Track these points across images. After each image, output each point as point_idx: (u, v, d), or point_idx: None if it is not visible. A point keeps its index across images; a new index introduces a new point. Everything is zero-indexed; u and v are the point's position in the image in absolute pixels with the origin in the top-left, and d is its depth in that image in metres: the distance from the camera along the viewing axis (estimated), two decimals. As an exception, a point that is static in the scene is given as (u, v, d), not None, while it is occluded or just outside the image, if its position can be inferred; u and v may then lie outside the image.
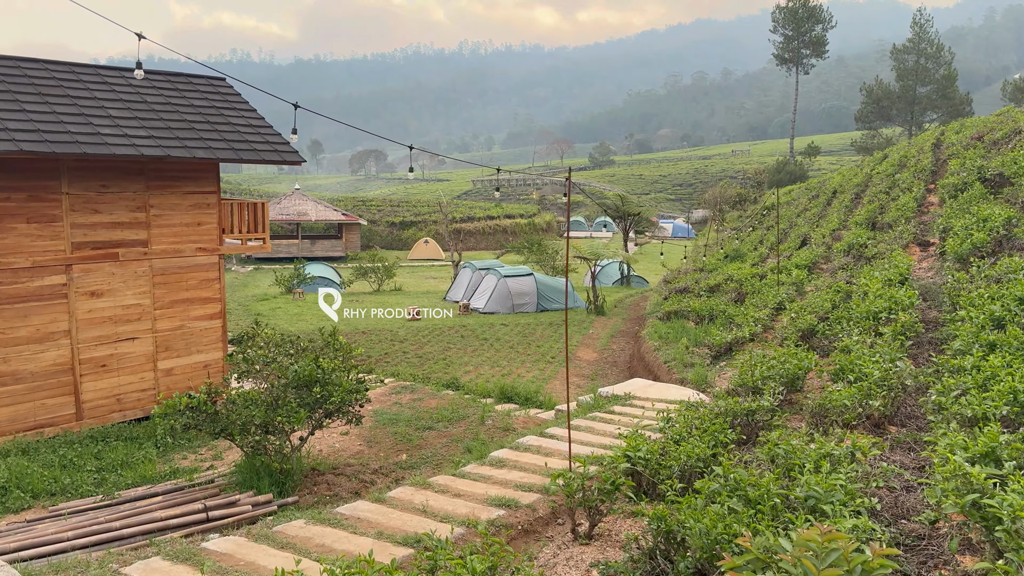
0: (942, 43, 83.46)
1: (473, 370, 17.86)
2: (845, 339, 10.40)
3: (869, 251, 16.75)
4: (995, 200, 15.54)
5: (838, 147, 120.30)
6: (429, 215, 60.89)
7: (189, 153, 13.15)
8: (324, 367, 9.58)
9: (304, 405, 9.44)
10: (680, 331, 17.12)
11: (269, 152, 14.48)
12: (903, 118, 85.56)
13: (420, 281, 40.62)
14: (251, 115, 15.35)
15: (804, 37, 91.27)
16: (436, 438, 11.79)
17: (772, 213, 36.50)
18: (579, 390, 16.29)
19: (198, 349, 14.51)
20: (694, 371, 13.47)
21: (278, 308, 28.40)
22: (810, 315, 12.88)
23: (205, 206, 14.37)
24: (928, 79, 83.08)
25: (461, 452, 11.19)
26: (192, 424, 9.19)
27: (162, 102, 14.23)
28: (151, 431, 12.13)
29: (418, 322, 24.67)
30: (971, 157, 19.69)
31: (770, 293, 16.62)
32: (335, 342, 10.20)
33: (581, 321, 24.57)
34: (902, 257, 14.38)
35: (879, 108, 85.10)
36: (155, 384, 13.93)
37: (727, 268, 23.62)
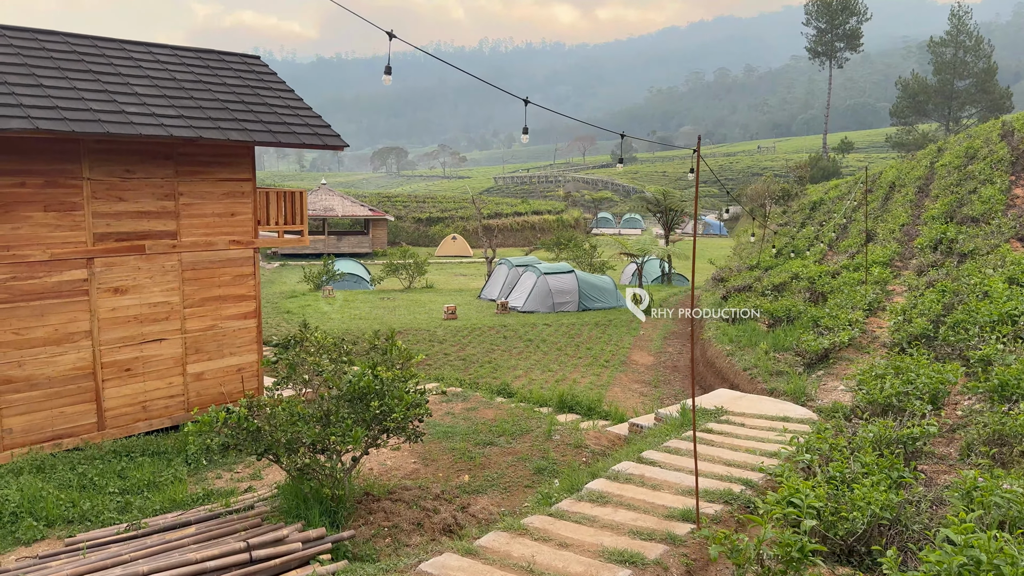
0: (981, 35, 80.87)
1: (523, 375, 16.47)
2: (985, 347, 8.90)
3: (963, 247, 15.16)
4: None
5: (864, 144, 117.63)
6: (456, 211, 59.59)
7: (223, 135, 11.85)
8: (383, 377, 8.22)
9: (360, 422, 8.08)
10: (752, 334, 15.62)
11: (310, 136, 13.15)
12: (940, 113, 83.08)
13: (450, 278, 39.32)
14: (289, 96, 14.04)
15: (838, 30, 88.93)
16: (499, 455, 10.40)
17: (821, 208, 34.81)
18: (644, 399, 14.87)
19: (231, 351, 13.22)
20: (786, 381, 11.98)
21: (308, 306, 27.17)
22: (920, 318, 11.36)
23: (239, 195, 13.07)
24: (967, 72, 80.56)
25: (531, 473, 9.83)
26: (231, 443, 7.86)
27: (192, 80, 12.94)
28: (180, 444, 10.84)
29: (455, 321, 23.33)
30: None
31: (854, 293, 15.09)
32: (393, 347, 8.83)
33: (628, 321, 23.11)
34: (1013, 254, 12.81)
35: (915, 103, 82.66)
36: (184, 390, 12.66)
37: (788, 266, 22.05)
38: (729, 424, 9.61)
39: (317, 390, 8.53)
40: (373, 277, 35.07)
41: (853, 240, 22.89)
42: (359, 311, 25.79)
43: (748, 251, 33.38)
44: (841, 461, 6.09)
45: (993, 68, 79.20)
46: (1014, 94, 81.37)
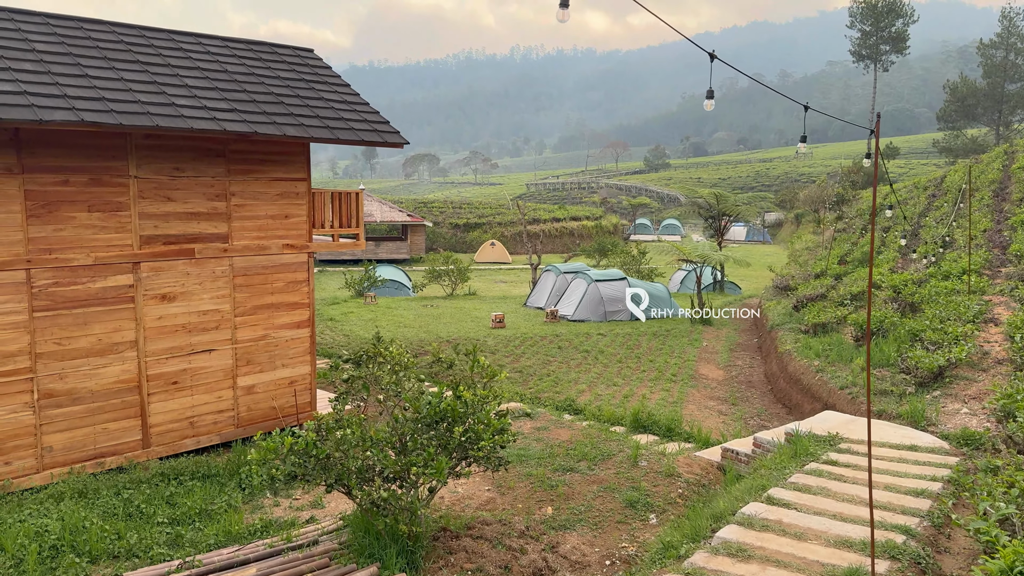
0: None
1: (587, 389, 15.39)
2: None
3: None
4: None
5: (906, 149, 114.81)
6: (493, 216, 58.68)
7: (279, 130, 10.98)
8: (467, 399, 7.21)
9: (442, 449, 7.09)
10: (839, 348, 14.40)
11: (368, 132, 12.24)
12: (989, 117, 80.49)
13: (490, 285, 38.38)
14: (345, 90, 13.16)
15: (883, 32, 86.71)
16: (582, 484, 9.34)
17: (881, 213, 33.28)
18: (724, 418, 13.71)
19: (283, 363, 12.32)
20: (895, 402, 10.77)
21: (350, 313, 26.36)
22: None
23: (294, 195, 12.19)
24: (1018, 75, 77.97)
25: (622, 506, 8.76)
26: (298, 474, 6.90)
27: (244, 72, 12.11)
28: (233, 466, 9.93)
29: (504, 330, 22.32)
30: None
31: (951, 303, 13.79)
32: (476, 364, 7.81)
33: (688, 332, 21.93)
34: None
35: (964, 106, 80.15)
36: (233, 404, 11.78)
37: (861, 273, 20.72)
38: (850, 454, 8.44)
39: (391, 410, 7.55)
40: (414, 283, 34.23)
41: (930, 247, 21.47)
42: (403, 319, 24.91)
43: (805, 258, 31.98)
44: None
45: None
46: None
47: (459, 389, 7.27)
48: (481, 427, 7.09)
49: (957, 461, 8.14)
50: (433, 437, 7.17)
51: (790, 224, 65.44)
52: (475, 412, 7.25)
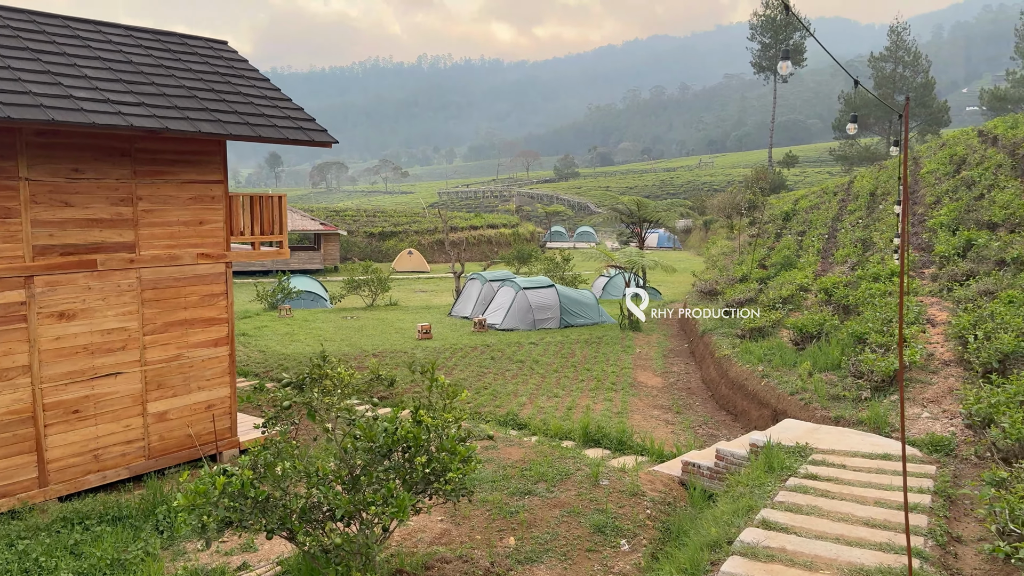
0: (919, 51, 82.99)
1: (528, 402, 14.71)
2: None
3: (1006, 254, 14.08)
4: None
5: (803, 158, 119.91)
6: (409, 225, 57.52)
7: (192, 127, 9.86)
8: (428, 424, 6.40)
9: (403, 483, 6.25)
10: (781, 352, 14.23)
11: (293, 129, 11.23)
12: (881, 126, 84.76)
13: (411, 295, 37.31)
14: (265, 85, 12.10)
15: (782, 45, 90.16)
16: (544, 509, 8.63)
17: (795, 218, 34.10)
18: (672, 428, 13.28)
19: (199, 385, 11.13)
20: (852, 407, 10.54)
21: (264, 327, 24.89)
22: (1005, 333, 10.07)
23: (209, 199, 11.05)
24: (906, 87, 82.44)
25: (590, 532, 8.10)
26: (234, 519, 5.92)
27: (152, 64, 10.91)
28: (148, 505, 8.75)
29: (431, 341, 21.45)
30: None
31: (886, 305, 13.82)
32: (433, 383, 6.99)
33: (619, 338, 21.60)
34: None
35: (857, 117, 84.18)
36: (144, 433, 10.53)
37: (788, 277, 20.88)
38: (826, 466, 8.05)
39: (338, 439, 6.63)
40: (332, 294, 32.83)
41: (850, 250, 21.88)
42: (323, 332, 23.66)
43: (724, 263, 32.38)
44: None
45: (931, 82, 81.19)
46: (951, 107, 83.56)
47: (419, 413, 6.44)
48: (446, 456, 6.29)
49: (935, 470, 7.86)
50: (391, 469, 6.32)
51: (699, 230, 66.86)
52: (438, 438, 6.44)
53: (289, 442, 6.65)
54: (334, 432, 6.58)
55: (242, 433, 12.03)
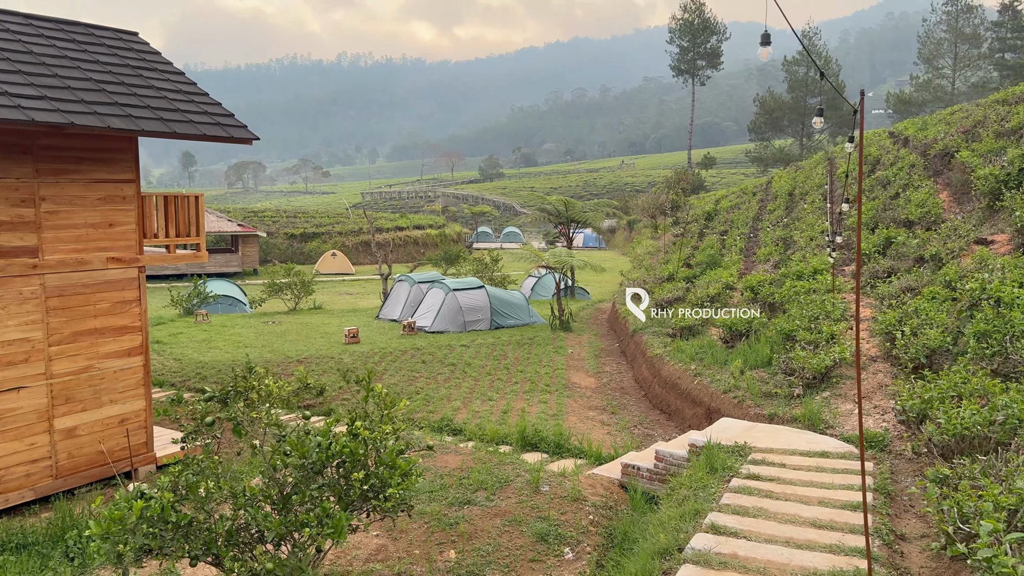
0: (830, 55, 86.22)
1: (462, 406, 14.40)
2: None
3: (923, 251, 14.54)
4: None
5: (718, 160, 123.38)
6: (332, 226, 56.29)
7: (101, 122, 9.18)
8: (365, 438, 6.03)
9: (340, 501, 5.87)
10: (712, 350, 14.33)
11: (210, 125, 10.62)
12: (794, 129, 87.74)
13: (336, 298, 36.43)
14: (179, 79, 11.43)
15: (699, 49, 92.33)
16: (484, 518, 8.35)
17: (717, 218, 34.78)
18: (609, 429, 13.19)
19: (112, 398, 10.41)
20: (785, 404, 10.63)
21: (179, 334, 23.83)
22: (932, 329, 10.33)
23: (120, 200, 10.35)
24: (817, 90, 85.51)
25: (533, 542, 7.87)
26: (154, 547, 5.43)
27: (56, 55, 10.14)
28: (56, 530, 8.07)
29: (359, 346, 20.89)
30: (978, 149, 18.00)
31: (811, 302, 14.08)
32: (370, 392, 6.62)
33: (551, 339, 21.51)
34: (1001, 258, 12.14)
35: (771, 119, 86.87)
36: (51, 451, 9.77)
37: (714, 275, 21.17)
38: (766, 465, 8.03)
39: (266, 455, 6.20)
40: (251, 298, 31.72)
41: (772, 249, 22.37)
42: (243, 338, 22.80)
43: (649, 262, 32.74)
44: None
45: (841, 86, 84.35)
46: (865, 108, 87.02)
47: (355, 425, 6.07)
48: (385, 471, 5.94)
49: (873, 467, 7.93)
50: (325, 486, 5.93)
51: (623, 230, 67.74)
52: (376, 452, 6.09)
53: (212, 459, 6.19)
54: (262, 448, 6.14)
55: (159, 448, 11.34)
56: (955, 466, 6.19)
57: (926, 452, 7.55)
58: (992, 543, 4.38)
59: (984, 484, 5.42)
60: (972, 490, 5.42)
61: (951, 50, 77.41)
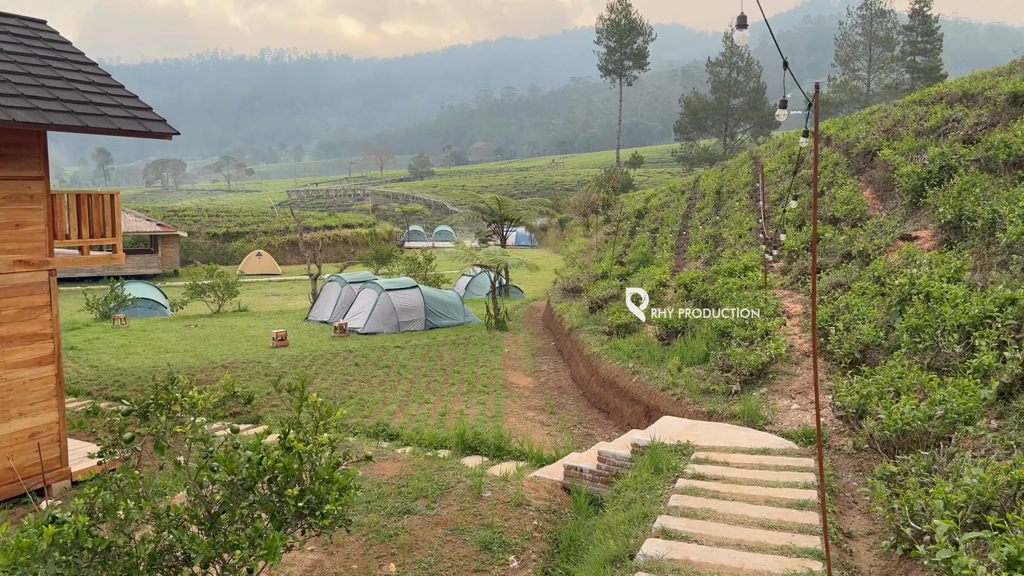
0: (752, 57, 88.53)
1: (399, 410, 14.03)
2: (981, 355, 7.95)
3: (851, 247, 14.87)
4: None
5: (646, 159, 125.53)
6: (257, 225, 54.73)
7: (6, 115, 8.50)
8: (300, 451, 5.67)
9: (273, 519, 5.50)
10: (648, 347, 14.34)
11: (126, 119, 9.98)
12: (718, 129, 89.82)
13: (262, 299, 35.38)
14: (92, 71, 10.73)
15: (626, 49, 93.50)
16: (425, 528, 8.05)
17: (648, 216, 35.16)
18: (549, 430, 13.04)
19: (21, 411, 9.69)
20: (724, 401, 10.65)
21: (96, 339, 22.69)
22: (865, 324, 10.50)
23: (27, 198, 9.63)
24: (740, 91, 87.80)
25: (476, 551, 7.63)
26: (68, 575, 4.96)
27: (-50, 40, 9.36)
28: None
29: (288, 349, 20.25)
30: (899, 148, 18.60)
31: (751, 299, 14.24)
32: (304, 401, 6.24)
33: (487, 339, 21.28)
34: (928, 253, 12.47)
35: (696, 119, 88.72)
36: (-50, 472, 9.01)
37: (647, 272, 21.31)
38: (710, 464, 7.98)
39: (191, 472, 5.77)
40: (172, 301, 30.48)
41: (703, 246, 22.65)
42: (164, 343, 21.84)
43: (582, 260, 32.87)
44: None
45: (762, 87, 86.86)
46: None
47: (289, 438, 5.70)
48: (322, 486, 5.60)
49: (814, 463, 7.96)
50: (257, 504, 5.55)
51: (555, 229, 68.06)
52: (312, 465, 5.73)
53: (132, 476, 5.73)
54: (187, 464, 5.71)
55: (74, 462, 10.64)
56: (900, 463, 6.21)
57: (867, 448, 7.60)
58: (947, 543, 4.34)
59: (934, 481, 5.44)
60: (921, 488, 5.43)
61: (866, 52, 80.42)
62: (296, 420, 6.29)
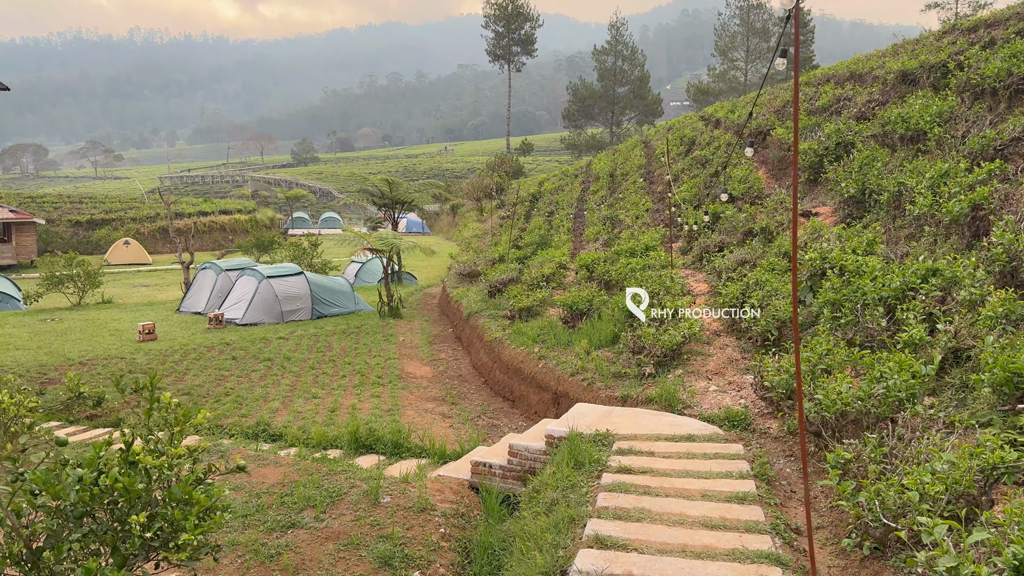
0: (636, 46, 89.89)
1: (282, 407, 12.69)
2: (910, 328, 7.55)
3: (751, 225, 14.60)
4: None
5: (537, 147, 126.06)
6: (124, 212, 50.82)
7: None
8: (148, 467, 4.47)
9: (116, 555, 4.29)
10: (554, 331, 13.58)
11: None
12: (604, 117, 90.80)
13: (130, 290, 32.57)
14: None
15: (514, 35, 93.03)
16: (313, 544, 6.92)
17: (542, 199, 34.63)
18: (450, 422, 12.08)
19: None
20: (637, 385, 9.98)
21: (-72, 338, 19.98)
22: (779, 301, 10.06)
23: None
24: (625, 80, 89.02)
25: (374, 569, 6.57)
26: None
27: None
28: None
29: (156, 343, 18.37)
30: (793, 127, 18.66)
31: (656, 279, 13.71)
32: (155, 404, 5.00)
33: (379, 327, 20.05)
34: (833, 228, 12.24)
35: (584, 107, 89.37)
36: None
37: (546, 255, 20.63)
38: (636, 455, 7.23)
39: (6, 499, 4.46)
40: (26, 294, 27.51)
41: (600, 228, 22.20)
42: (14, 339, 19.45)
43: (477, 245, 31.98)
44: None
45: (647, 76, 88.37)
46: (664, 98, 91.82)
47: (133, 450, 4.48)
48: (177, 509, 4.42)
49: (743, 449, 7.35)
50: (92, 535, 4.32)
51: (447, 215, 66.89)
52: (164, 483, 4.54)
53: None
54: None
55: None
56: (849, 447, 5.61)
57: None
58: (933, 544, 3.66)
59: (896, 468, 4.82)
60: (882, 476, 4.80)
61: (744, 43, 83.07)
62: (146, 426, 5.05)
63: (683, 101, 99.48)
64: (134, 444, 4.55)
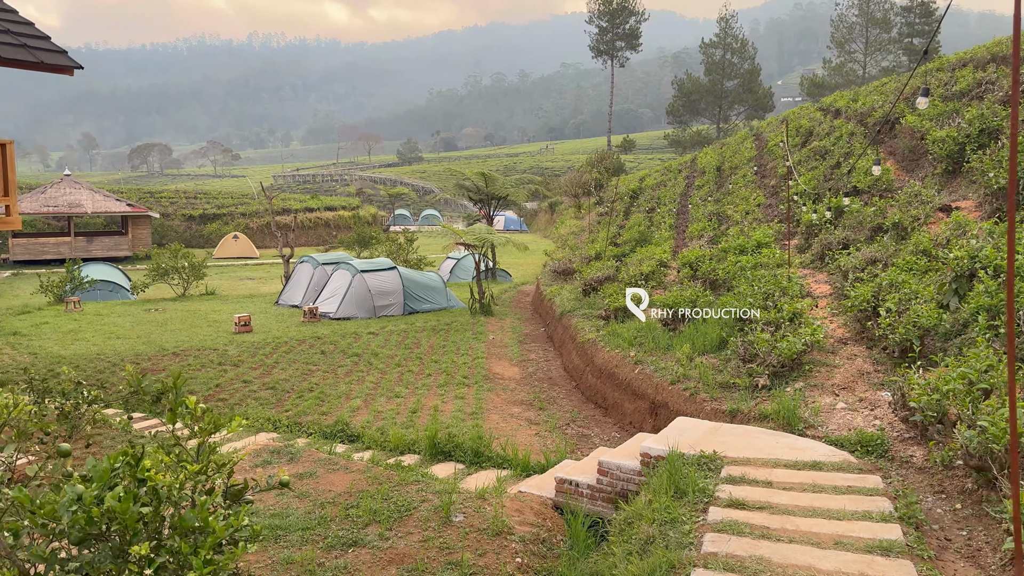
0: (746, 39, 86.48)
1: (363, 406, 12.11)
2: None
3: (887, 220, 12.99)
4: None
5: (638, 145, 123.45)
6: (235, 207, 52.49)
7: None
8: (159, 486, 3.74)
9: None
10: (653, 333, 12.44)
11: (13, 46, 7.97)
12: (711, 112, 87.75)
13: (235, 283, 33.33)
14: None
15: (618, 29, 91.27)
16: (374, 568, 6.14)
17: (643, 196, 33.27)
18: (538, 429, 11.15)
19: None
20: (748, 398, 8.78)
21: (44, 323, 20.75)
22: (921, 304, 8.63)
23: None
24: (734, 73, 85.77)
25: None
26: None
27: None
28: None
29: (251, 335, 18.31)
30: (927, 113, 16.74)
31: (771, 278, 12.36)
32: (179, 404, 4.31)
33: (470, 324, 19.38)
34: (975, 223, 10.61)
35: (689, 102, 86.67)
36: None
37: (646, 252, 19.41)
38: (751, 486, 6.10)
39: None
40: (135, 284, 28.41)
41: (705, 224, 20.78)
42: (117, 328, 19.87)
43: (574, 242, 30.96)
44: None
45: (757, 69, 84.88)
46: (775, 93, 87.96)
47: (143, 467, 3.76)
48: (184, 542, 3.66)
49: (882, 483, 6.08)
50: (90, 567, 3.62)
51: (545, 212, 66.08)
52: (176, 505, 3.80)
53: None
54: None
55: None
56: None
57: (961, 464, 5.74)
58: None
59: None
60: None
61: (862, 34, 78.50)
62: (172, 434, 4.36)
63: (795, 97, 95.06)
64: (143, 459, 3.83)
